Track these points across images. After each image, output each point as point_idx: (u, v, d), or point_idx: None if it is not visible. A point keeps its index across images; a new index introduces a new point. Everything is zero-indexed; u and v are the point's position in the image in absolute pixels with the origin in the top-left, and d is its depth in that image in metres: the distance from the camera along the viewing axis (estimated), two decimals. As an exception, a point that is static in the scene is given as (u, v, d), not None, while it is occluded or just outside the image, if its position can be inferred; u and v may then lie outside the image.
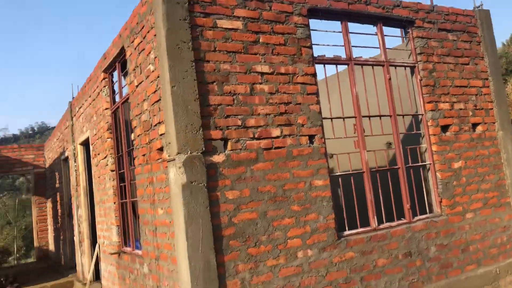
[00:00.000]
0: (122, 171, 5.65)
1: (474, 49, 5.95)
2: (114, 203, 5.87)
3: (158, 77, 3.84)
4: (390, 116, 5.04)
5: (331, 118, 4.61)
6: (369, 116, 4.88)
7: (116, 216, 5.84)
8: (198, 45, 3.83)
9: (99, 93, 6.25)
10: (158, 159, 4.05)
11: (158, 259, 4.19)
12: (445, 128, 5.41)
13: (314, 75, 4.48)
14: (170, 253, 3.88)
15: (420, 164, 5.23)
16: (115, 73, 5.76)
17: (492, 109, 5.95)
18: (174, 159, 3.57)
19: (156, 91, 3.99)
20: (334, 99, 5.79)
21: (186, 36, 3.72)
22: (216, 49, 3.93)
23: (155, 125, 4.08)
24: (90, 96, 6.87)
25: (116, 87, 5.88)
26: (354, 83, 4.80)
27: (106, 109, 5.99)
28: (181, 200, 3.48)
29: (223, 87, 3.90)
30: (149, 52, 4.11)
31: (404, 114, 5.19)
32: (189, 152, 3.58)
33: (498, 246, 5.54)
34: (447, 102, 5.47)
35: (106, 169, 6.10)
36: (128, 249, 5.48)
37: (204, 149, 3.67)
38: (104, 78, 6.04)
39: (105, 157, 6.14)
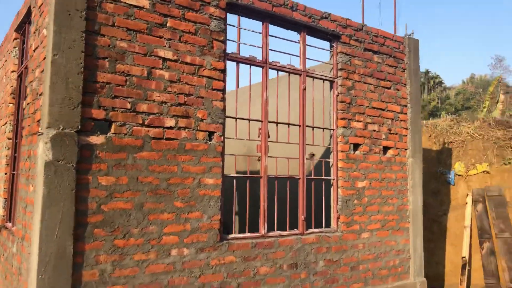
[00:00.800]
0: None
1: (398, 75, 6.06)
2: (5, 173, 5.44)
3: (45, 43, 3.54)
4: (299, 126, 4.99)
5: (236, 118, 4.48)
6: (277, 123, 4.81)
7: (4, 188, 5.40)
8: (94, 16, 3.57)
9: (9, 53, 5.79)
10: (37, 131, 3.73)
11: (23, 239, 3.87)
12: (355, 146, 5.45)
13: (224, 71, 4.33)
14: (31, 234, 3.57)
15: (323, 178, 5.22)
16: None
17: (406, 135, 6.08)
18: (42, 133, 3.28)
19: (45, 57, 3.68)
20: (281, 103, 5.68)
21: (80, 4, 3.45)
22: (115, 24, 3.68)
23: (40, 95, 3.75)
24: (4, 56, 6.37)
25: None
26: (265, 87, 4.70)
27: (13, 71, 5.54)
28: (42, 179, 3.21)
29: (116, 65, 3.66)
30: (46, 15, 3.79)
31: (314, 126, 5.16)
32: (60, 128, 3.31)
33: (389, 268, 5.65)
34: (361, 121, 5.51)
35: (4, 136, 5.65)
36: (9, 224, 5.08)
37: (80, 127, 3.41)
38: (15, 38, 5.58)
39: (5, 124, 5.68)
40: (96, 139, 3.52)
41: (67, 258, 3.27)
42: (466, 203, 8.27)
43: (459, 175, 8.90)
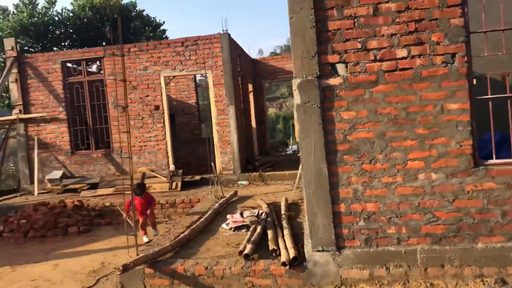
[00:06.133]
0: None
1: None
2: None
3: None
4: None
5: (485, 32, 3.97)
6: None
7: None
8: (319, -26, 4.10)
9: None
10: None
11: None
12: None
13: (462, -19, 3.91)
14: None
15: None
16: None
17: None
18: (293, 83, 4.20)
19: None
20: None
21: (306, -32, 4.06)
22: (338, -26, 4.08)
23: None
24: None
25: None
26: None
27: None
28: (296, 118, 4.15)
29: (343, 11, 4.08)
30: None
31: None
32: (304, 76, 4.11)
33: None
34: None
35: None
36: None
37: (319, 73, 4.09)
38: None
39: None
40: (334, 81, 4.13)
41: (324, 177, 4.13)
42: None
43: None
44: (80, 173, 11.53)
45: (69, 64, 11.95)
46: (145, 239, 6.84)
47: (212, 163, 9.29)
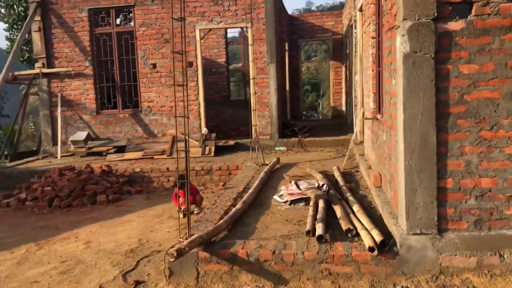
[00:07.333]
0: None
1: None
2: (372, 70, 5.98)
3: None
4: None
5: None
6: None
7: (372, 84, 5.99)
8: None
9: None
10: (394, 26, 3.82)
11: (390, 128, 4.21)
12: None
13: None
14: (396, 124, 3.82)
15: None
16: None
17: None
18: (399, 26, 3.32)
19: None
20: None
21: None
22: None
23: (394, -10, 3.77)
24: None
25: None
26: None
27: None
28: (401, 71, 3.30)
29: None
30: None
31: None
32: (416, 18, 3.23)
33: None
34: None
35: (369, 36, 6.14)
36: (379, 116, 5.64)
37: (436, 14, 3.21)
38: None
39: (368, 24, 6.15)
40: (454, 25, 3.25)
41: (430, 147, 3.33)
42: None
43: None
44: (105, 134, 10.86)
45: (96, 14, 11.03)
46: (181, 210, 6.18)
47: (253, 127, 8.50)
